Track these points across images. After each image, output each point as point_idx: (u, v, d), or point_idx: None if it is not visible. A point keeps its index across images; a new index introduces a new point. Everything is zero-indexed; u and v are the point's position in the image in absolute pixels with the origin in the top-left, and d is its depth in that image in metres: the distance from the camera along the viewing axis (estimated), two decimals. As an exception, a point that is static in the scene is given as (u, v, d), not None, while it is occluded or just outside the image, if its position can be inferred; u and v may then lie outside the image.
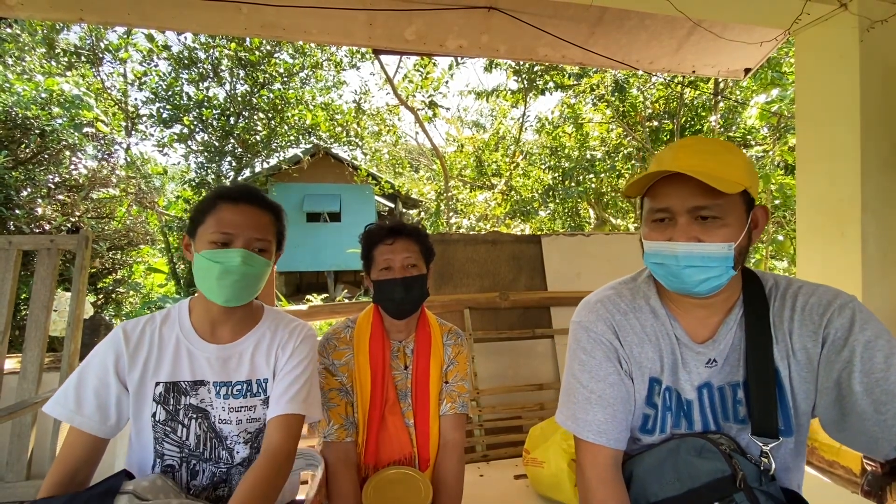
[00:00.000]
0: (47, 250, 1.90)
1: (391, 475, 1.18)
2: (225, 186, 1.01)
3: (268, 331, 1.03)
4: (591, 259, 2.49)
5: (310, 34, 2.32)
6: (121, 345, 0.94)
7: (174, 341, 0.97)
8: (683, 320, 0.87)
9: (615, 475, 0.85)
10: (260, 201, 0.98)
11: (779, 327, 0.81)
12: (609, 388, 0.86)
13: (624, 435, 0.86)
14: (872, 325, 0.75)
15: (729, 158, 0.77)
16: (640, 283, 0.93)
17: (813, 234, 2.16)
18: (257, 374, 1.00)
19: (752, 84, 5.61)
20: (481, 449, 1.99)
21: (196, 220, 0.95)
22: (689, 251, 0.76)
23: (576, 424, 0.87)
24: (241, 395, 0.98)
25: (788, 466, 0.84)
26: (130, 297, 6.02)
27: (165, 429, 0.94)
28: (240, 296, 0.94)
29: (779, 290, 0.84)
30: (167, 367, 0.95)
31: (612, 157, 7.91)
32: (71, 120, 5.17)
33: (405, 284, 1.17)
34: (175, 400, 0.95)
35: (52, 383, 1.87)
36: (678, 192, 0.77)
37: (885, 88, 1.98)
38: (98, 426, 0.90)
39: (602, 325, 0.89)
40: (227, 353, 0.98)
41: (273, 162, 11.15)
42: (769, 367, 0.80)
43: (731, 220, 0.76)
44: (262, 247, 0.96)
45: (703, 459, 0.78)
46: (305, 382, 1.00)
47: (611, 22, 2.31)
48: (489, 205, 8.80)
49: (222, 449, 0.98)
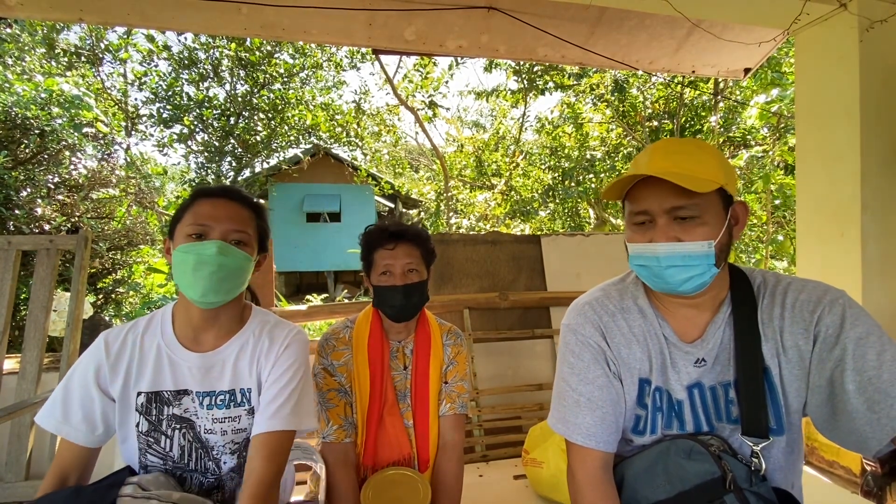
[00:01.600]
0: (47, 250, 1.90)
1: (390, 476, 1.18)
2: (205, 186, 0.99)
3: (252, 336, 0.98)
4: (590, 259, 2.49)
5: (310, 34, 2.32)
6: (101, 355, 0.91)
7: (155, 350, 0.93)
8: (672, 320, 0.87)
9: (605, 477, 0.85)
10: (238, 197, 0.96)
11: (768, 325, 0.81)
12: (598, 391, 0.86)
13: (614, 437, 0.86)
14: (863, 320, 0.75)
15: (702, 157, 0.78)
16: (628, 283, 0.93)
17: (813, 234, 2.16)
18: (240, 383, 0.95)
19: (752, 84, 5.61)
20: (480, 449, 1.99)
21: (175, 220, 0.93)
22: (669, 251, 0.76)
23: (566, 427, 0.87)
24: (223, 406, 0.94)
25: (782, 466, 0.83)
26: (130, 298, 6.01)
27: (149, 439, 0.92)
28: (217, 289, 0.88)
29: (767, 287, 0.84)
30: (148, 377, 0.92)
31: (612, 157, 7.91)
32: (71, 120, 5.16)
33: (405, 292, 1.17)
34: (157, 410, 0.92)
35: (51, 383, 1.87)
36: (654, 194, 0.78)
37: (884, 88, 1.98)
38: (85, 437, 0.88)
39: (590, 328, 0.89)
40: (210, 362, 0.94)
41: (273, 162, 11.14)
42: (758, 366, 0.80)
43: (709, 217, 0.76)
44: (240, 238, 0.92)
45: (693, 461, 0.78)
46: (292, 393, 0.93)
47: (610, 22, 2.31)
48: (489, 205, 8.80)
49: (209, 460, 0.95)
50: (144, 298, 6.36)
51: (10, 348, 1.99)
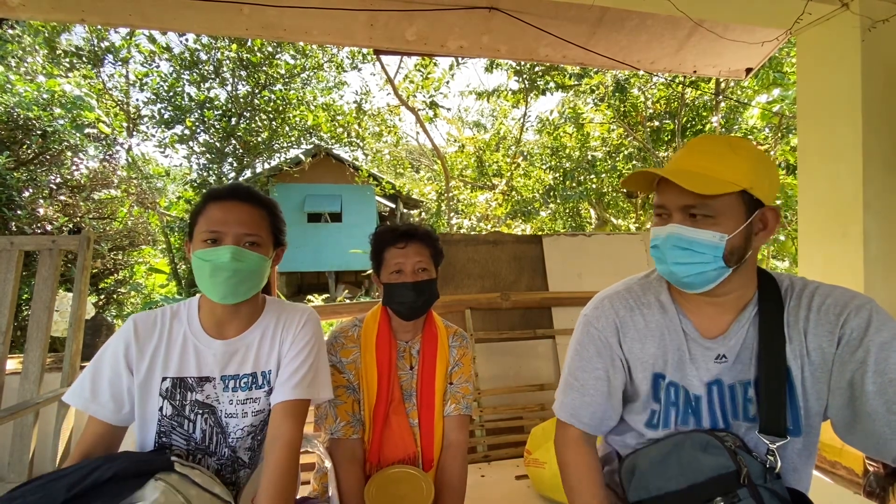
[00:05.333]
0: (49, 251, 1.91)
1: (394, 474, 1.18)
2: (215, 187, 1.01)
3: (271, 321, 1.03)
4: (592, 259, 2.49)
5: (311, 35, 2.32)
6: (131, 336, 0.95)
7: (182, 337, 0.97)
8: (694, 316, 0.87)
9: (584, 444, 0.95)
10: (249, 197, 0.98)
11: (793, 327, 0.81)
12: (592, 382, 0.92)
13: (596, 422, 0.94)
14: (889, 326, 0.75)
15: (730, 158, 0.77)
16: (652, 279, 0.95)
17: (815, 233, 2.15)
18: (262, 366, 1.01)
19: (754, 84, 5.61)
20: (483, 449, 1.99)
21: (192, 223, 0.97)
22: (677, 232, 0.79)
23: (557, 402, 0.99)
24: (247, 388, 0.99)
25: (796, 467, 0.84)
26: (132, 298, 6.03)
27: (172, 423, 0.95)
28: (236, 291, 0.94)
29: (794, 290, 0.84)
30: (175, 363, 0.96)
31: (613, 157, 7.91)
32: (73, 121, 5.18)
33: (416, 289, 1.18)
34: (181, 395, 0.96)
35: (53, 384, 1.87)
36: (672, 191, 0.79)
37: (886, 88, 1.98)
38: (113, 415, 0.92)
39: (603, 322, 0.92)
40: (234, 347, 0.99)
41: (274, 163, 11.16)
42: (781, 366, 0.80)
43: (723, 219, 0.77)
44: (254, 241, 0.95)
45: (708, 455, 0.78)
46: (311, 366, 1.00)
47: (612, 22, 2.31)
48: (490, 205, 8.80)
49: (225, 445, 0.99)
50: (146, 299, 6.38)
51: (13, 348, 1.99)
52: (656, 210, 0.84)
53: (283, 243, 1.06)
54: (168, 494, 0.78)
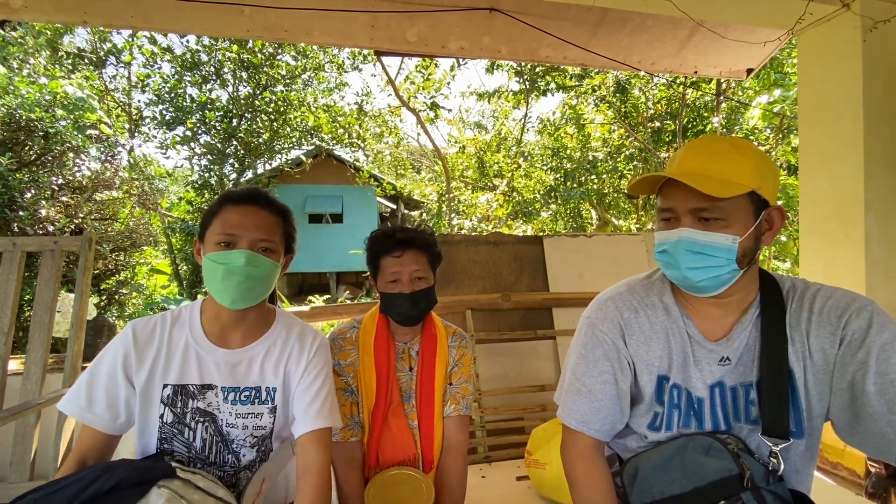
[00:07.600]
0: (51, 252, 1.91)
1: (394, 476, 1.18)
2: (232, 189, 1.01)
3: (279, 338, 1.02)
4: (593, 260, 2.49)
5: (312, 36, 2.32)
6: (129, 344, 0.94)
7: (183, 344, 0.96)
8: (697, 318, 0.87)
9: (596, 455, 0.90)
10: (266, 203, 0.97)
11: (795, 328, 0.81)
12: (600, 385, 0.89)
13: (607, 427, 0.90)
14: (890, 327, 0.75)
15: (736, 159, 0.77)
16: (654, 280, 0.93)
17: (816, 234, 2.15)
18: (266, 381, 0.99)
19: (755, 84, 5.60)
20: (483, 450, 1.99)
21: (204, 224, 0.95)
22: (690, 237, 0.77)
23: (563, 410, 0.94)
24: (248, 402, 0.97)
25: (798, 469, 0.84)
26: (133, 299, 6.04)
27: (173, 430, 0.94)
28: (246, 297, 0.93)
29: (796, 292, 0.84)
30: (176, 370, 0.94)
31: (614, 157, 7.90)
32: (74, 122, 5.19)
33: (413, 299, 1.16)
34: (182, 403, 0.94)
35: (55, 384, 1.87)
36: (680, 194, 0.78)
37: (887, 88, 1.98)
38: (108, 424, 0.91)
39: (608, 324, 0.90)
40: (237, 358, 0.98)
41: (275, 164, 11.18)
42: (783, 368, 0.80)
43: (734, 221, 0.76)
44: (268, 247, 0.94)
45: (711, 458, 0.78)
46: (328, 395, 1.01)
47: (613, 23, 2.31)
48: (491, 206, 8.80)
49: (228, 453, 0.97)
50: (147, 300, 6.39)
51: (15, 349, 2.00)
52: (662, 214, 0.82)
53: (293, 250, 1.05)
54: (173, 501, 0.77)
